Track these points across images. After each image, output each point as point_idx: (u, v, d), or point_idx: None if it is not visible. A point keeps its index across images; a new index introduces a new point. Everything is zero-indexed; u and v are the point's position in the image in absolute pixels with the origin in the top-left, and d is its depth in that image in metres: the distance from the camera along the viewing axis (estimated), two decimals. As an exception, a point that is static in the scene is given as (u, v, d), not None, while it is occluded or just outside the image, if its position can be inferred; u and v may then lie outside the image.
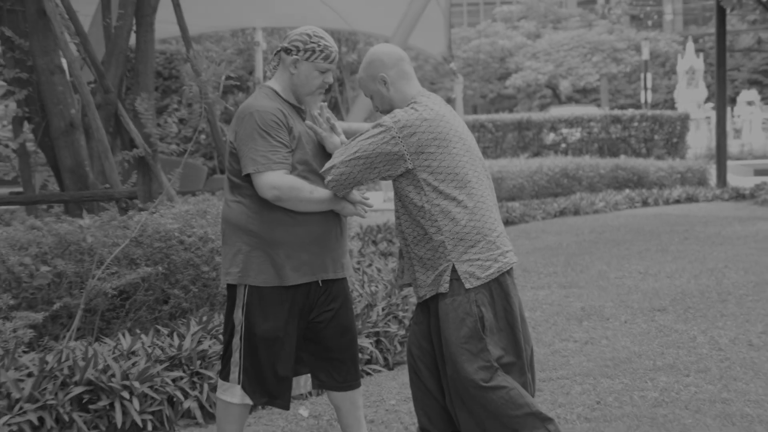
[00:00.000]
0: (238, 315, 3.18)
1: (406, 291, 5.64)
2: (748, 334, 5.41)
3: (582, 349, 5.20)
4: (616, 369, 4.75)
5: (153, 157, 6.02)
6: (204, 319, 4.72)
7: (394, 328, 5.12)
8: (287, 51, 3.20)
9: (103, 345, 4.39)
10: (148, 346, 4.30)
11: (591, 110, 27.64)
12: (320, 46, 3.17)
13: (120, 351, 4.23)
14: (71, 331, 4.52)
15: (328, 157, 3.24)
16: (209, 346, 4.34)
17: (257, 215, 3.12)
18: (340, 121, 3.45)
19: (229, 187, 3.22)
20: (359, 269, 6.58)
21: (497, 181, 14.64)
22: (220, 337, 4.37)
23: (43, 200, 6.34)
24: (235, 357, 3.20)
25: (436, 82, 40.91)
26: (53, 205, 6.52)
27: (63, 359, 3.98)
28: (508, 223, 11.89)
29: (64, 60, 6.06)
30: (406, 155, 2.99)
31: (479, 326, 2.97)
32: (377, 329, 5.03)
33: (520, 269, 7.99)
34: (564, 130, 20.78)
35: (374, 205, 3.43)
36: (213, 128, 6.69)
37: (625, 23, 48.66)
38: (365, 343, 4.85)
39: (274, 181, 3.04)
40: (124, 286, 4.78)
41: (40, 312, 4.44)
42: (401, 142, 2.98)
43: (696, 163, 17.52)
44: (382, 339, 5.03)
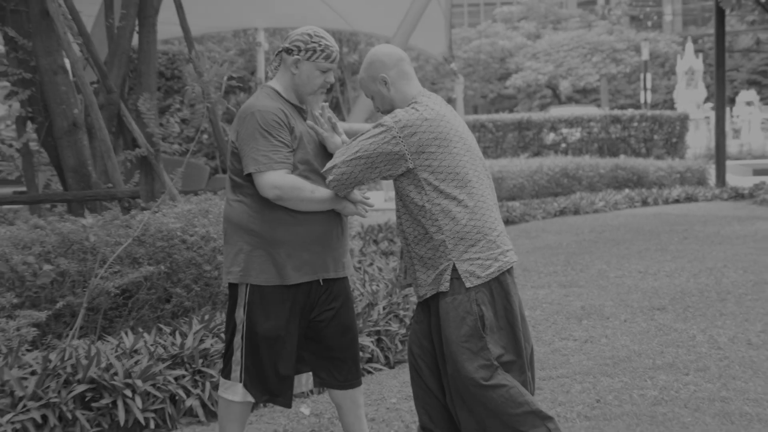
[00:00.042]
0: (239, 314, 3.18)
1: (407, 290, 5.65)
2: (747, 333, 5.42)
3: (582, 348, 5.21)
4: (615, 367, 4.76)
5: (155, 157, 6.01)
6: (206, 317, 4.72)
7: (395, 326, 5.12)
8: (288, 51, 3.20)
9: (106, 343, 4.39)
10: (151, 345, 4.30)
11: (591, 110, 27.62)
12: (321, 45, 3.18)
13: (123, 349, 4.23)
14: (74, 330, 4.52)
15: (330, 156, 3.24)
16: (211, 345, 4.34)
17: (259, 214, 3.12)
18: (341, 121, 3.46)
19: (231, 186, 3.22)
20: (360, 268, 6.57)
21: (498, 180, 14.65)
22: (222, 335, 4.37)
23: (47, 199, 6.31)
24: (236, 356, 3.20)
25: (437, 82, 40.90)
26: (56, 205, 6.52)
27: (66, 357, 3.99)
28: (509, 222, 11.86)
29: (67, 60, 6.04)
30: (407, 155, 2.99)
31: (479, 325, 2.96)
32: (378, 328, 5.03)
33: (521, 268, 7.98)
34: (564, 130, 20.78)
35: (375, 204, 3.43)
36: (215, 128, 6.69)
37: (624, 24, 48.65)
38: (366, 341, 4.85)
39: (275, 180, 3.04)
40: (127, 285, 4.78)
41: (44, 311, 4.44)
42: (402, 141, 2.98)
43: (695, 163, 17.50)
44: (383, 338, 5.03)
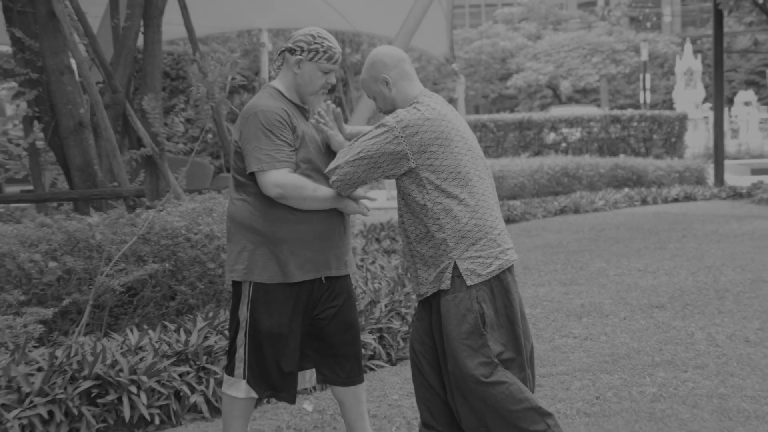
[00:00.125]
0: (243, 311, 3.19)
1: (409, 288, 5.67)
2: (745, 331, 5.42)
3: (581, 345, 5.21)
4: (615, 365, 4.76)
5: (160, 156, 6.02)
6: (210, 315, 4.73)
7: (396, 324, 5.12)
8: (291, 51, 3.21)
9: (112, 340, 4.41)
10: (156, 342, 4.31)
11: (591, 110, 27.60)
12: (324, 47, 3.19)
13: (128, 346, 4.25)
14: (80, 327, 4.55)
15: (332, 155, 3.26)
16: (215, 342, 4.35)
17: (261, 213, 3.13)
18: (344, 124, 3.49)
19: (234, 185, 3.23)
20: (363, 266, 6.56)
21: (499, 179, 14.66)
22: (226, 333, 4.39)
23: (53, 198, 6.34)
24: (239, 353, 3.21)
25: (439, 82, 40.87)
26: (63, 203, 6.51)
27: (72, 354, 4.01)
28: (510, 221, 11.83)
29: (73, 60, 6.07)
30: (409, 154, 3.00)
31: (480, 322, 2.97)
32: (380, 325, 5.03)
33: (521, 266, 7.96)
34: (564, 130, 20.81)
35: (376, 201, 3.45)
36: (219, 128, 6.70)
37: (624, 25, 48.62)
38: (368, 339, 4.85)
39: (278, 179, 3.05)
40: (132, 283, 4.81)
41: (50, 308, 4.47)
42: (404, 141, 2.99)
43: (694, 163, 17.48)
44: (385, 335, 5.03)
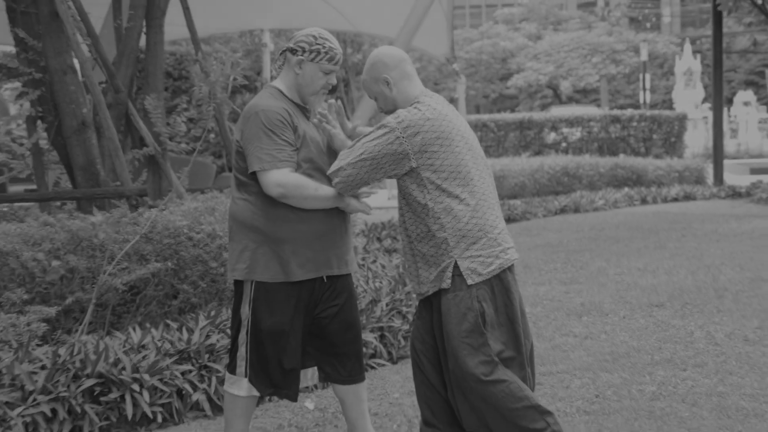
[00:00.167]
0: (245, 310, 3.20)
1: (410, 287, 5.69)
2: (743, 330, 5.43)
3: (581, 344, 5.21)
4: (614, 363, 4.77)
5: (162, 156, 6.04)
6: (212, 313, 4.75)
7: (397, 323, 5.13)
8: (293, 51, 3.22)
9: (114, 339, 4.42)
10: (158, 340, 4.33)
11: (591, 110, 27.68)
12: (325, 47, 3.20)
13: (130, 345, 4.26)
14: (83, 325, 4.56)
15: (333, 154, 3.27)
16: (217, 341, 4.37)
17: (263, 212, 3.14)
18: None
19: (236, 184, 3.23)
20: (364, 265, 6.57)
21: (499, 179, 14.66)
22: (228, 331, 4.39)
23: (56, 197, 6.34)
24: (241, 351, 3.22)
25: (440, 82, 40.90)
26: (66, 202, 6.51)
27: (75, 352, 4.02)
28: (510, 220, 11.82)
29: (76, 60, 6.09)
30: (411, 154, 3.00)
31: (480, 321, 2.97)
32: (381, 324, 5.04)
33: (522, 265, 7.96)
34: (564, 130, 20.84)
35: (377, 200, 3.47)
36: (221, 127, 6.72)
37: (624, 25, 48.71)
38: (369, 337, 4.86)
39: (279, 178, 3.06)
40: (135, 282, 4.82)
41: (53, 306, 4.49)
42: (406, 141, 3.00)
43: (693, 162, 17.48)
44: (386, 334, 5.04)
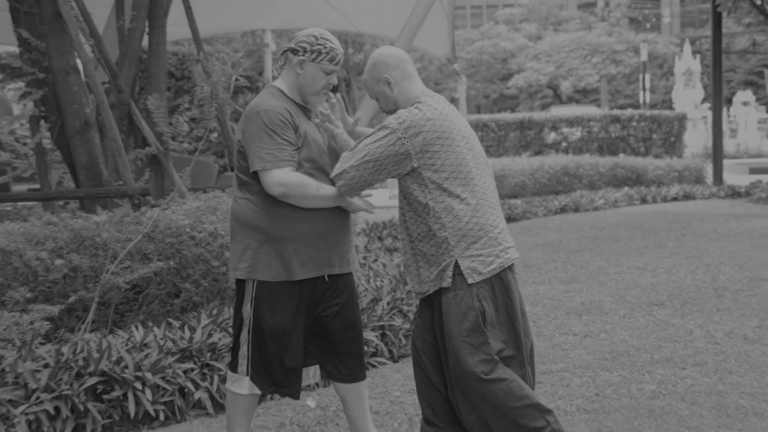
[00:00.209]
0: (246, 309, 3.21)
1: (411, 286, 5.70)
2: (743, 329, 5.44)
3: (581, 343, 5.22)
4: (614, 362, 4.78)
5: (165, 155, 6.05)
6: (214, 312, 4.76)
7: (398, 321, 5.14)
8: (294, 51, 3.23)
9: (117, 337, 4.44)
10: (160, 339, 4.34)
11: (591, 110, 27.71)
12: (326, 48, 3.21)
13: (133, 343, 4.28)
14: (86, 324, 4.59)
15: (334, 153, 3.29)
16: (219, 339, 4.38)
17: (265, 211, 3.15)
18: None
19: (238, 184, 3.24)
20: (365, 264, 6.59)
21: (500, 179, 14.68)
22: (230, 330, 4.41)
23: (59, 197, 6.36)
24: (243, 350, 3.23)
25: (441, 82, 40.93)
26: (69, 202, 6.54)
27: (78, 351, 4.04)
28: (510, 219, 11.82)
29: (79, 61, 6.11)
30: (413, 154, 3.01)
31: (481, 320, 2.98)
32: (382, 323, 5.05)
33: (522, 264, 7.97)
34: (565, 130, 20.86)
35: (378, 200, 3.48)
36: (223, 127, 6.74)
37: (624, 26, 48.81)
38: (371, 336, 4.87)
39: (280, 178, 3.07)
40: (137, 280, 4.84)
41: (56, 305, 4.51)
42: (407, 142, 3.00)
43: (693, 162, 17.48)
44: (387, 332, 5.06)
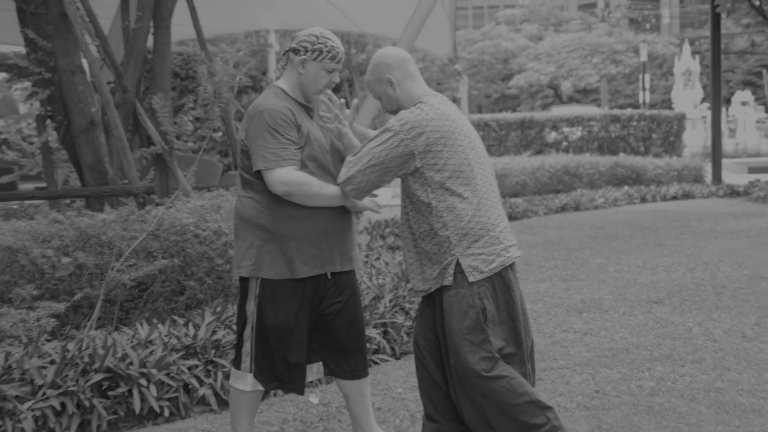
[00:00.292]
0: (250, 306, 3.24)
1: (411, 284, 5.71)
2: (741, 326, 5.46)
3: (582, 340, 5.24)
4: (614, 359, 4.80)
5: (170, 154, 6.09)
6: (218, 309, 4.78)
7: (400, 319, 5.16)
8: (295, 51, 3.25)
9: (122, 334, 4.47)
10: (165, 336, 4.37)
11: (591, 110, 27.77)
12: (327, 46, 3.23)
13: (138, 340, 4.30)
14: (92, 321, 4.61)
15: (337, 152, 3.31)
16: (223, 336, 4.40)
17: (268, 210, 3.17)
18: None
19: (241, 183, 3.26)
20: (367, 262, 6.60)
21: (501, 178, 14.70)
22: (234, 327, 4.44)
23: (65, 195, 6.40)
24: (246, 347, 3.25)
25: (442, 82, 40.93)
26: (75, 200, 6.60)
27: (84, 347, 4.07)
28: (511, 218, 11.80)
29: (84, 61, 6.12)
30: (416, 155, 3.03)
31: (482, 318, 2.99)
32: (384, 320, 5.07)
33: (523, 263, 7.97)
34: (565, 129, 20.87)
35: (381, 199, 3.50)
36: (227, 126, 6.77)
37: (624, 26, 48.85)
38: (373, 333, 4.90)
39: (283, 177, 3.09)
40: (142, 278, 4.87)
41: (62, 302, 4.55)
42: (411, 142, 3.02)
43: (692, 161, 17.47)
44: (389, 330, 5.07)
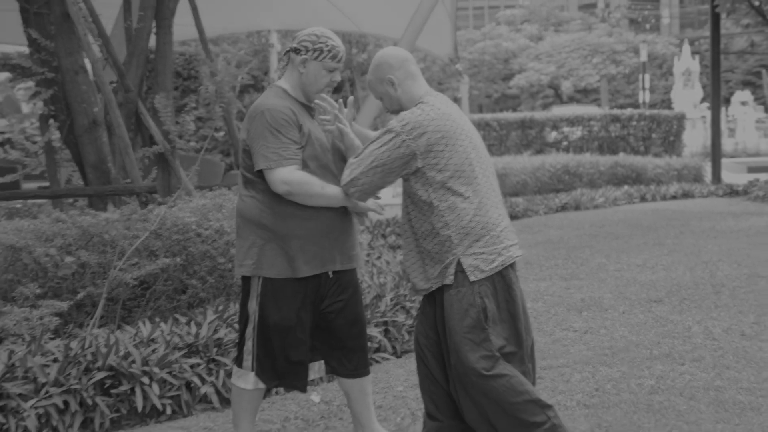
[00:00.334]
0: (252, 305, 3.25)
1: (411, 284, 5.73)
2: (740, 325, 5.46)
3: (581, 339, 5.25)
4: (614, 357, 4.81)
5: (172, 154, 6.11)
6: (220, 308, 4.80)
7: (401, 317, 5.17)
8: (296, 51, 3.26)
9: (125, 332, 4.48)
10: (167, 334, 4.38)
11: (591, 110, 27.74)
12: (328, 45, 3.24)
13: (140, 338, 4.32)
14: (94, 319, 4.63)
15: (338, 152, 3.33)
16: (225, 335, 4.42)
17: (270, 209, 3.18)
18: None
19: (243, 182, 3.27)
20: (369, 261, 6.61)
21: (501, 177, 14.68)
22: (236, 325, 4.45)
23: (68, 194, 6.43)
24: (248, 345, 3.27)
25: (444, 82, 40.89)
26: (78, 199, 6.63)
27: (86, 346, 4.08)
28: (512, 217, 11.72)
29: (87, 60, 6.14)
30: (418, 155, 3.04)
31: (482, 317, 3.00)
32: (386, 319, 5.08)
33: (523, 261, 7.93)
34: (565, 129, 20.86)
35: (383, 202, 3.52)
36: (229, 126, 6.79)
37: (624, 26, 48.86)
38: (374, 332, 4.91)
39: (284, 176, 3.10)
40: (145, 277, 4.89)
41: (65, 300, 4.56)
42: (412, 143, 3.03)
43: (692, 161, 17.44)
44: (391, 328, 5.08)
